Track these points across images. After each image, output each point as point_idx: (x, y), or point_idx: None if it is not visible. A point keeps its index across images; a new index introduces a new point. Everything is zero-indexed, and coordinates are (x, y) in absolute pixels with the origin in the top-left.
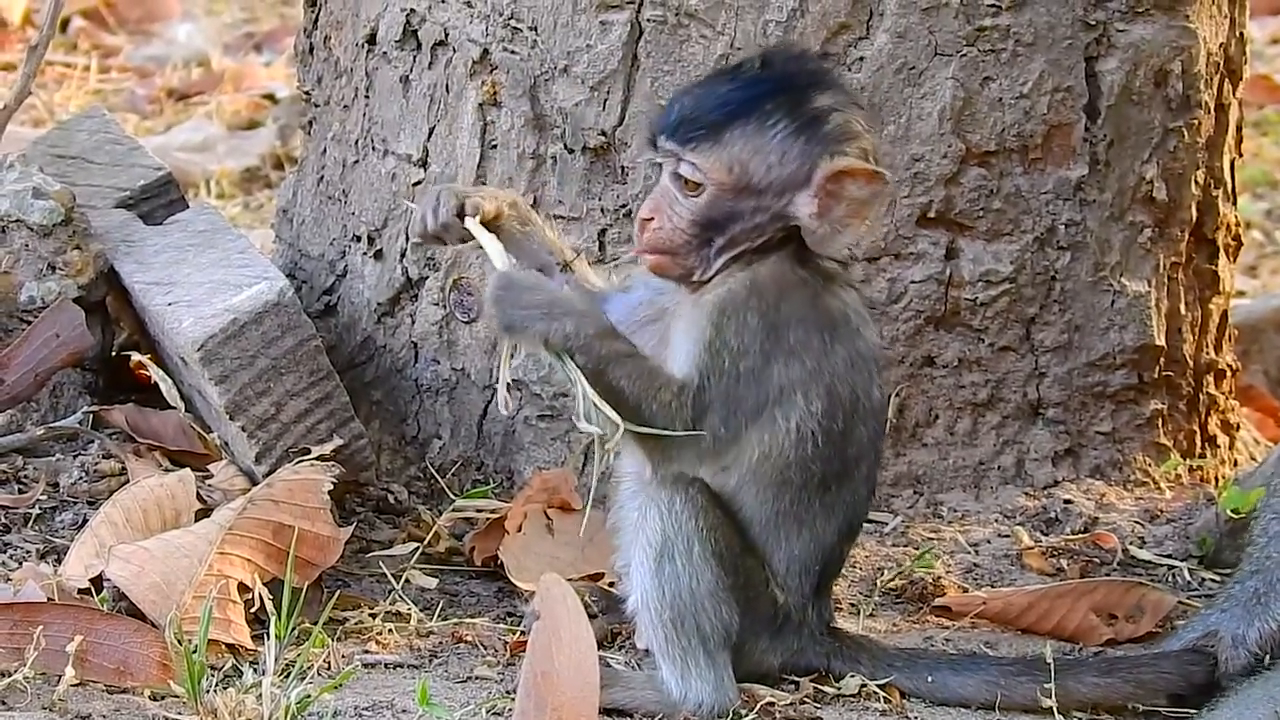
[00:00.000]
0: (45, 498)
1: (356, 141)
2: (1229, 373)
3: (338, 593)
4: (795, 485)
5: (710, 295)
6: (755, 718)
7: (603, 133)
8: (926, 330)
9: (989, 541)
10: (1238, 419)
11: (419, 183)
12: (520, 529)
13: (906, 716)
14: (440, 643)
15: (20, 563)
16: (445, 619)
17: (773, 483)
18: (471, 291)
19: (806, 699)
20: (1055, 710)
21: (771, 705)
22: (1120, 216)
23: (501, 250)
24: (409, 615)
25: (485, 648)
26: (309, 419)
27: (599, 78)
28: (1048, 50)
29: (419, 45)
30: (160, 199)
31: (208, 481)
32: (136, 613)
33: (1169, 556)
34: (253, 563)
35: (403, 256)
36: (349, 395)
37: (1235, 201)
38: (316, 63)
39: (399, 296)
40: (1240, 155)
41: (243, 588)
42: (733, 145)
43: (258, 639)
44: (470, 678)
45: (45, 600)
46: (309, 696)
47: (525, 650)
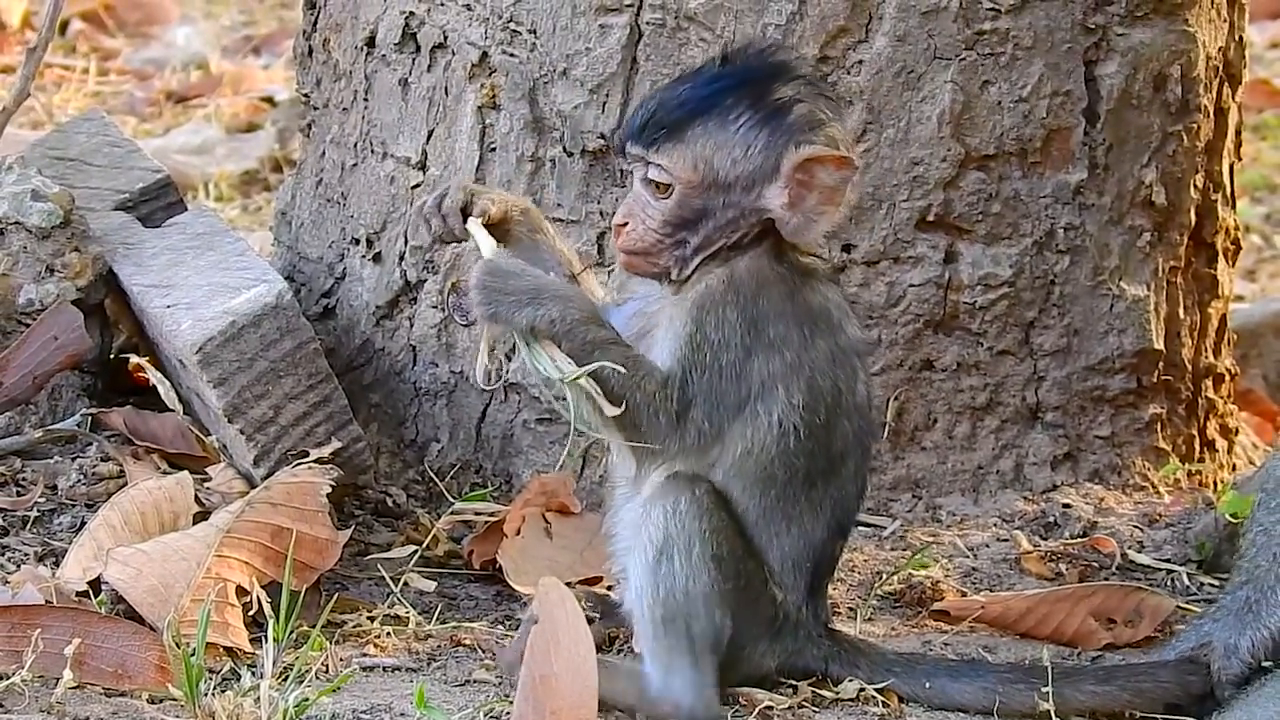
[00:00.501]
0: (43, 500)
1: (355, 144)
2: (1228, 377)
3: (336, 596)
4: (780, 481)
5: (690, 293)
6: None
7: (602, 136)
8: (925, 334)
9: (987, 545)
10: (1236, 423)
11: (418, 185)
12: (519, 532)
13: None
14: (439, 646)
15: (18, 565)
16: (444, 622)
17: (758, 479)
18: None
19: (805, 702)
20: (1053, 715)
21: (770, 709)
22: (1119, 220)
23: (492, 244)
24: (407, 618)
25: (484, 651)
26: (307, 422)
27: (598, 81)
28: (1047, 54)
29: (418, 48)
30: (159, 201)
31: (206, 484)
32: (134, 615)
33: (1168, 561)
34: (251, 566)
35: (401, 259)
36: (347, 398)
37: (1234, 205)
38: (315, 65)
39: (398, 299)
40: (1239, 159)
41: (241, 590)
42: (695, 143)
43: (256, 642)
44: (468, 681)
45: (43, 603)
46: (307, 699)
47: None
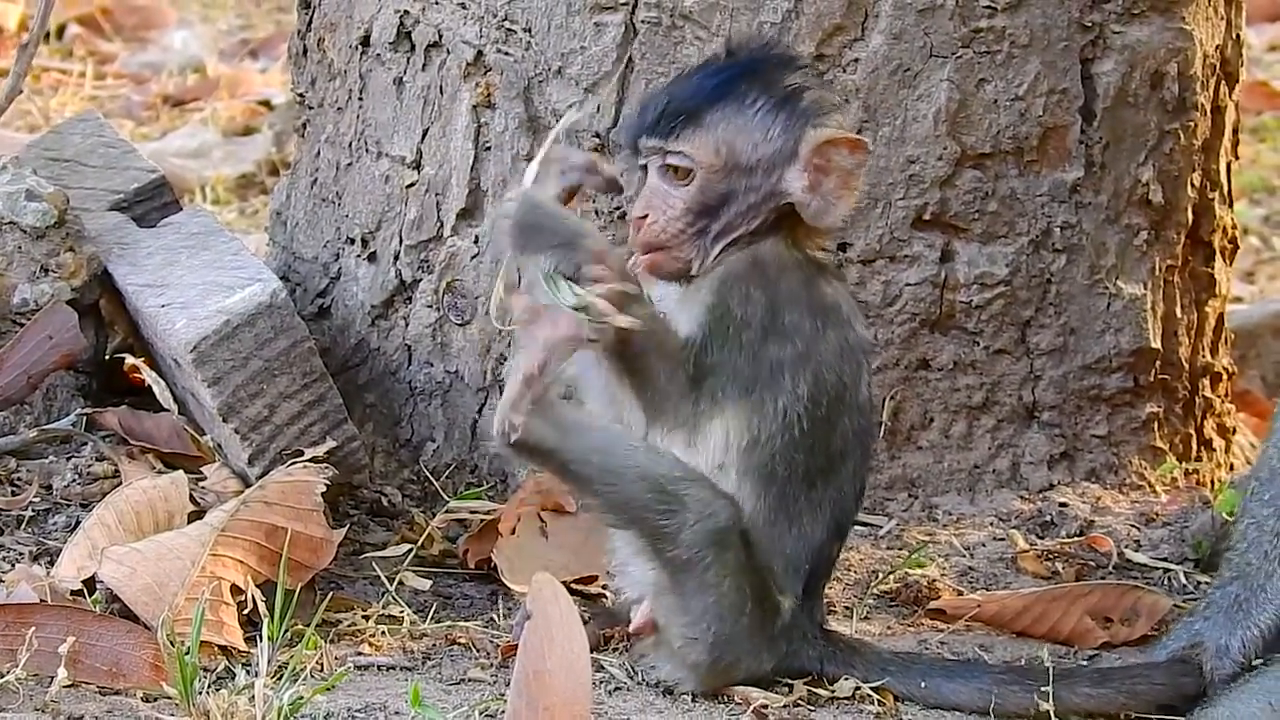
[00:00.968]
0: (38, 500)
1: (350, 144)
2: (1225, 376)
3: (331, 595)
4: (780, 478)
5: (710, 277)
6: None
7: (597, 134)
8: (922, 333)
9: (984, 545)
10: (1234, 422)
11: (412, 185)
12: (514, 531)
13: (900, 719)
14: (433, 645)
15: (13, 564)
16: (438, 621)
17: (761, 475)
18: (465, 294)
19: (800, 701)
20: (1053, 716)
21: (765, 708)
22: (1116, 219)
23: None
24: (402, 617)
25: (478, 650)
26: (302, 421)
27: (593, 79)
28: (1043, 52)
29: (413, 47)
30: (154, 202)
31: (201, 484)
32: (129, 614)
33: (1164, 560)
34: (245, 564)
35: (396, 259)
36: (342, 398)
37: (1231, 204)
38: (310, 65)
39: (393, 299)
40: (1237, 158)
41: (235, 589)
42: (716, 127)
43: (250, 641)
44: (463, 680)
45: (38, 602)
46: (302, 698)
47: (515, 654)
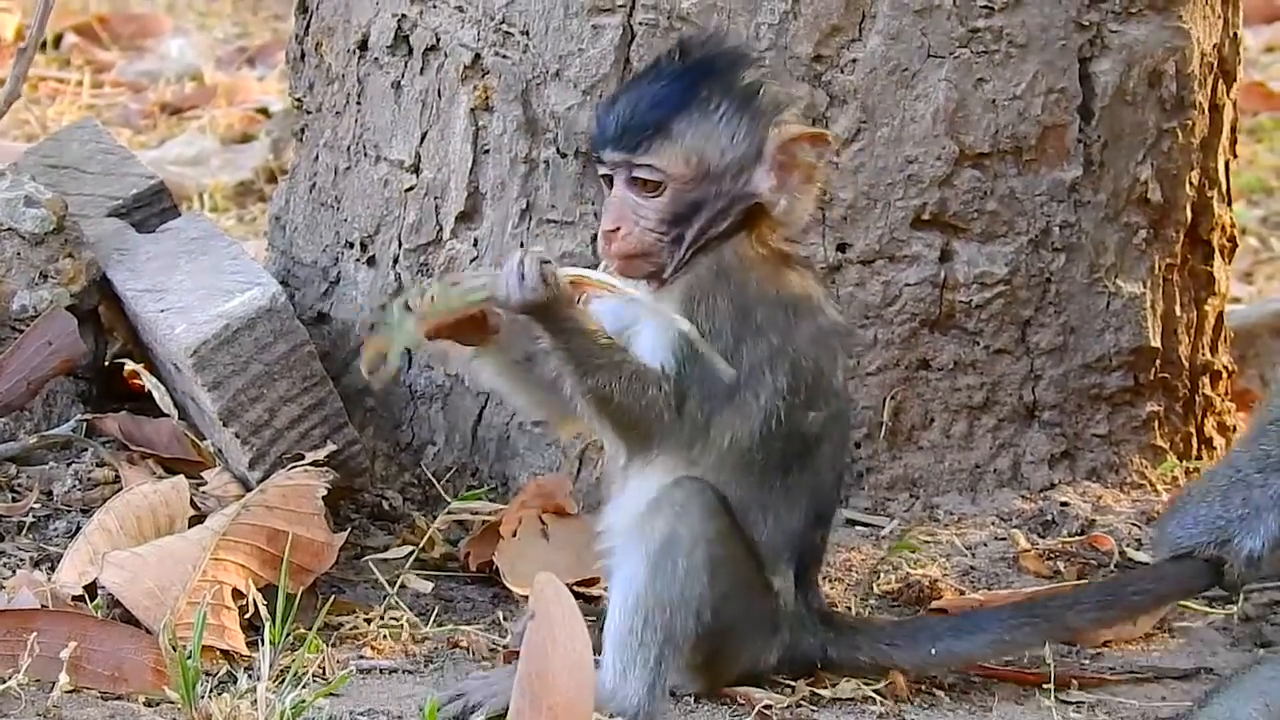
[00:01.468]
0: (39, 506)
1: (349, 148)
2: (1225, 374)
3: (332, 598)
4: (758, 467)
5: (677, 285)
6: None
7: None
8: (922, 333)
9: (985, 544)
10: (1234, 421)
11: (411, 189)
12: (515, 534)
13: (903, 719)
14: (435, 648)
15: (14, 570)
16: (440, 624)
17: (738, 467)
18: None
19: (803, 701)
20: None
21: (769, 709)
22: (1115, 218)
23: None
24: (404, 621)
25: (480, 653)
26: (303, 425)
27: (591, 81)
28: (1041, 51)
29: (410, 51)
30: (152, 207)
31: (201, 489)
32: (131, 619)
33: None
34: (247, 568)
35: (395, 262)
36: (343, 401)
37: (1230, 202)
38: (308, 69)
39: (392, 303)
40: (1235, 156)
41: (237, 593)
42: (684, 137)
43: (252, 645)
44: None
45: (39, 607)
46: (304, 702)
47: (516, 658)
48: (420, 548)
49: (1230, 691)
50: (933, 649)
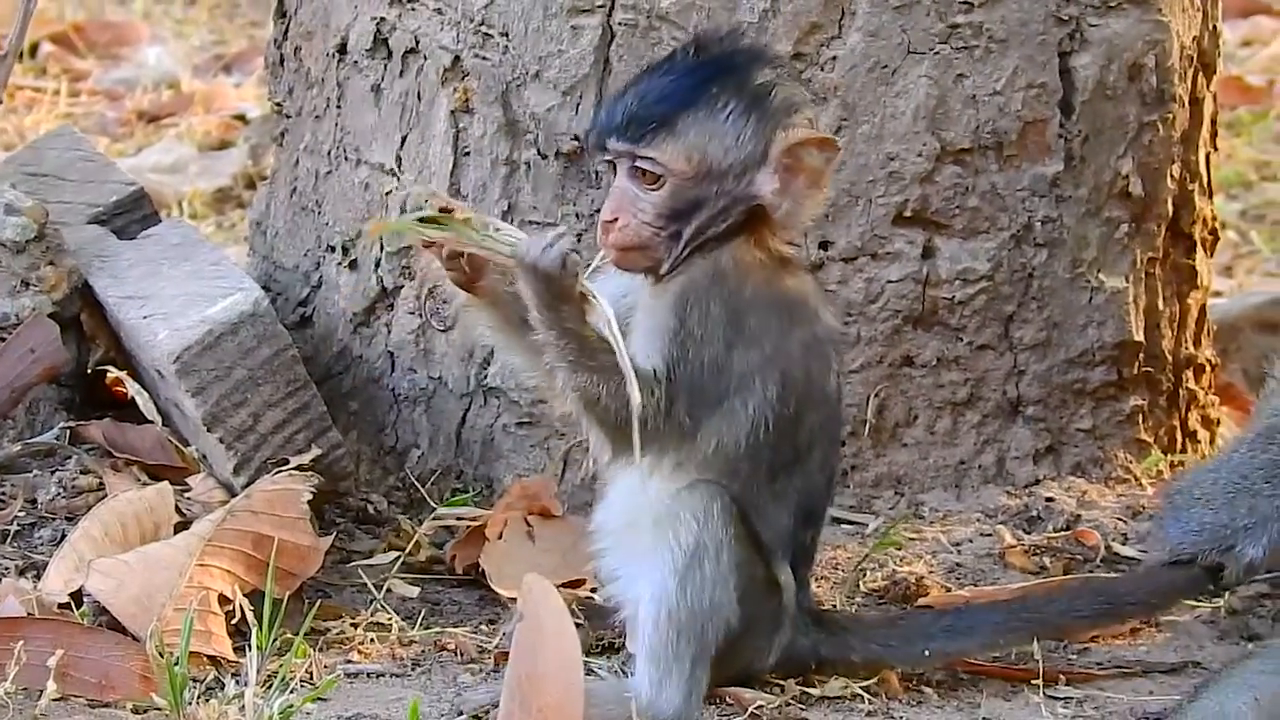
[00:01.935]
0: (23, 514)
1: (329, 152)
2: (1208, 367)
3: (319, 603)
4: (744, 475)
5: (673, 285)
6: None
7: (575, 137)
8: (905, 330)
9: (971, 541)
10: (1218, 414)
11: (391, 192)
12: (501, 536)
13: (891, 717)
14: (423, 651)
15: None
16: (427, 628)
17: (723, 473)
18: (447, 300)
19: (792, 700)
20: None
21: (760, 709)
22: (1097, 212)
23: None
24: (390, 624)
25: (468, 656)
26: (287, 429)
27: (571, 82)
28: (1021, 46)
29: (390, 54)
30: (133, 214)
31: (186, 495)
32: (117, 626)
33: None
34: (233, 574)
35: (377, 266)
36: (326, 405)
37: (1211, 195)
38: (287, 74)
39: (374, 306)
40: (1215, 149)
41: (223, 599)
42: (688, 134)
43: (239, 650)
44: (453, 686)
45: (25, 616)
46: (292, 706)
47: (506, 660)
48: (406, 551)
49: (1220, 686)
50: (925, 650)
